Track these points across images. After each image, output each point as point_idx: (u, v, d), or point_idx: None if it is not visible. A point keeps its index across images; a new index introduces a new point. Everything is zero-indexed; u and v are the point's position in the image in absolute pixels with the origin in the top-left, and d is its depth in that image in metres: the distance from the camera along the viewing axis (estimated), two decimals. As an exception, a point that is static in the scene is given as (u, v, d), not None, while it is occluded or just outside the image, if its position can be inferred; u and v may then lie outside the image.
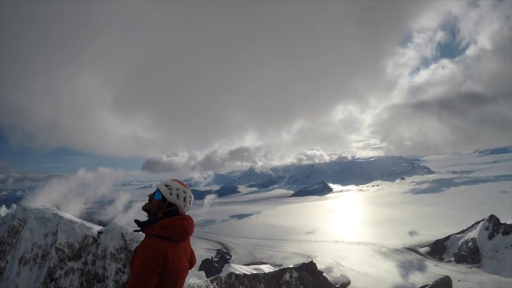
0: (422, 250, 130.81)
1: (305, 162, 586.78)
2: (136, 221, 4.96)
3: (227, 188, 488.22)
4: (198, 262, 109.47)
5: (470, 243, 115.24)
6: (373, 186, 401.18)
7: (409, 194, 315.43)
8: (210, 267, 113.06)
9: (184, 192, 5.08)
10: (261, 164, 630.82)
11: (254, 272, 70.40)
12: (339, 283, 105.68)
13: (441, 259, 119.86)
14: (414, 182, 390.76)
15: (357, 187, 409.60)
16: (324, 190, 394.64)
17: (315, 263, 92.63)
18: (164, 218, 4.91)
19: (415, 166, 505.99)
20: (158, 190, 5.10)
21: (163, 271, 4.58)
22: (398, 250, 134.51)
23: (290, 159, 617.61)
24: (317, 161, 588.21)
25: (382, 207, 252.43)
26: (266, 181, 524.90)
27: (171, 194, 5.02)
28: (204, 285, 56.87)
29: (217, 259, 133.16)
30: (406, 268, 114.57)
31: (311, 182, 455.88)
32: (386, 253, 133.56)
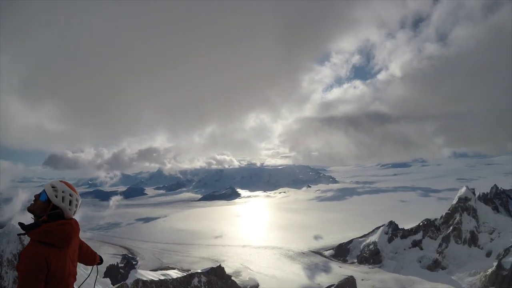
0: (327, 253, 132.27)
1: (214, 167, 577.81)
2: (20, 223, 4.69)
3: (134, 189, 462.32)
4: (103, 269, 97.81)
5: (371, 246, 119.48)
6: (280, 193, 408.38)
7: (314, 201, 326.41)
8: (115, 274, 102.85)
9: (70, 195, 4.76)
10: (170, 166, 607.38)
11: (162, 277, 68.79)
12: (248, 286, 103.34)
13: (345, 261, 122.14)
14: (319, 190, 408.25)
15: (264, 193, 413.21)
16: (232, 195, 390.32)
17: (224, 267, 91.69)
18: (48, 221, 4.62)
19: (321, 175, 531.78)
20: (44, 191, 4.76)
21: (47, 279, 4.37)
22: (304, 254, 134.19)
23: (199, 163, 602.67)
24: (226, 166, 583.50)
25: (288, 213, 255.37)
26: (174, 184, 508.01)
27: (57, 197, 4.68)
28: (109, 293, 50.12)
29: (122, 265, 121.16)
30: (312, 270, 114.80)
31: (220, 186, 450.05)
32: (292, 256, 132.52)
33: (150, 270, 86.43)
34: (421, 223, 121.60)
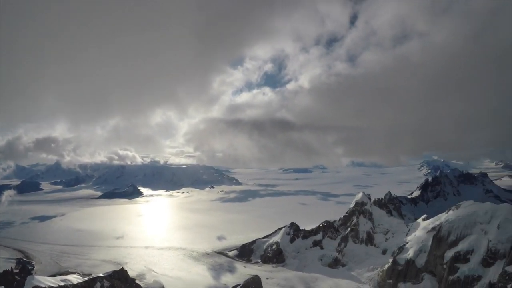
0: (231, 254, 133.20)
1: (116, 162, 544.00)
2: None
3: (29, 183, 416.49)
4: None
5: (274, 246, 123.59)
6: (183, 193, 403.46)
7: (217, 202, 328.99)
8: (10, 281, 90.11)
9: None
10: (68, 159, 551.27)
11: (61, 283, 65.61)
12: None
13: (249, 261, 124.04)
14: (222, 191, 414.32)
15: (167, 193, 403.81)
16: (134, 193, 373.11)
17: (127, 270, 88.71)
18: None
19: (225, 176, 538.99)
20: None
21: None
22: (208, 254, 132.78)
23: (100, 157, 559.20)
24: (129, 162, 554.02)
25: (191, 213, 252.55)
26: (73, 179, 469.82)
27: None
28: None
29: (17, 271, 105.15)
30: (217, 270, 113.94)
31: (121, 184, 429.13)
32: (196, 257, 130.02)
33: (48, 276, 79.98)
34: (321, 225, 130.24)
